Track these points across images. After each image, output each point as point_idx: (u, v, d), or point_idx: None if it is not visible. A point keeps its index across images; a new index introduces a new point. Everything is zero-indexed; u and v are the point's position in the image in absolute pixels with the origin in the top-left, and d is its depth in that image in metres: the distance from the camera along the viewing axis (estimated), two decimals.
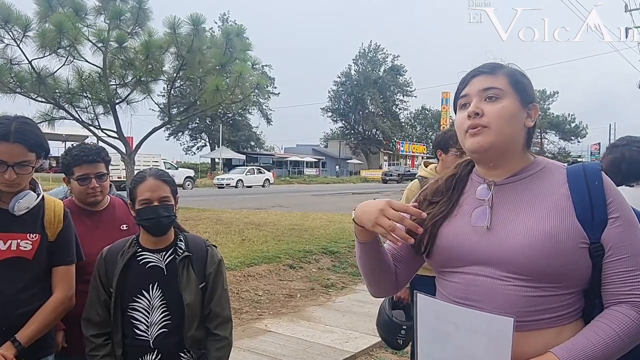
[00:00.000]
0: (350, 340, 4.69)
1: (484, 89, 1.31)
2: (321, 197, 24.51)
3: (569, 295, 1.24)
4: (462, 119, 1.33)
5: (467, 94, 1.34)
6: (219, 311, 2.08)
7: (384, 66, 60.19)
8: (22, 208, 1.90)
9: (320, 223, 11.05)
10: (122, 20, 8.10)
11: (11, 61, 7.61)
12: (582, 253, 1.21)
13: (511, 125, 1.29)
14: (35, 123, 2.00)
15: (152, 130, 9.30)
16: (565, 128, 65.40)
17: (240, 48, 8.48)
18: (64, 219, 2.04)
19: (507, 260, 1.23)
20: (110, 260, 2.08)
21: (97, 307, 2.06)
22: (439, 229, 1.37)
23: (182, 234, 2.15)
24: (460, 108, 1.36)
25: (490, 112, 1.28)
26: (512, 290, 1.22)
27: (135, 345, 2.02)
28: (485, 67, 1.35)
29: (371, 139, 60.30)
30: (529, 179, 1.32)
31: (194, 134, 53.14)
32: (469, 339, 1.20)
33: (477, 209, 1.33)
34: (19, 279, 1.90)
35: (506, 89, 1.30)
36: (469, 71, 1.38)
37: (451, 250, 1.33)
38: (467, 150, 1.35)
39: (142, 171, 2.09)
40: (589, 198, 1.24)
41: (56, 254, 2.01)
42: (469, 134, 1.31)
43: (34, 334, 1.90)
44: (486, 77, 1.33)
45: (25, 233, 1.92)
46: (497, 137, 1.28)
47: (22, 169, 1.86)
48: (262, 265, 6.75)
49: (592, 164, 1.32)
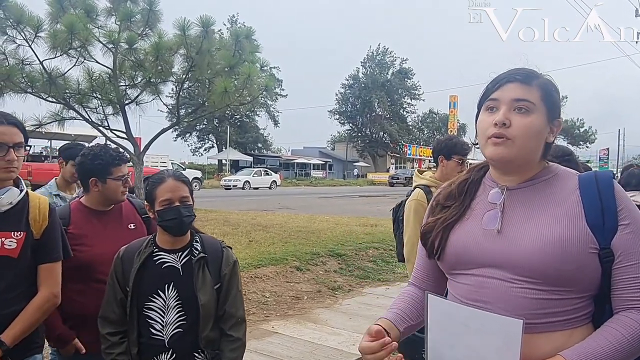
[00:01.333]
0: (357, 343, 4.65)
1: (516, 99, 1.29)
2: (328, 199, 24.50)
3: (579, 299, 1.25)
4: (487, 124, 1.31)
5: (497, 99, 1.32)
6: (234, 312, 2.10)
7: (392, 69, 60.15)
8: (5, 203, 1.86)
9: (327, 225, 11.05)
10: (132, 22, 8.15)
11: (23, 61, 7.67)
12: (591, 258, 1.22)
13: (535, 141, 1.30)
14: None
15: (161, 131, 9.35)
16: (574, 133, 65.09)
17: (249, 50, 8.50)
18: (49, 216, 2.00)
19: (516, 263, 1.24)
20: (127, 259, 2.10)
21: (114, 306, 2.08)
22: (450, 231, 1.39)
23: (198, 235, 2.17)
24: (487, 110, 1.34)
25: (518, 125, 1.27)
26: (522, 293, 1.23)
27: (151, 344, 2.03)
28: (519, 75, 1.32)
29: (378, 142, 60.21)
30: (541, 185, 1.33)
31: (201, 135, 53.32)
32: (479, 339, 1.21)
33: (488, 212, 1.35)
34: (4, 278, 1.87)
35: (537, 103, 1.29)
36: (504, 73, 1.35)
37: (462, 253, 1.35)
38: (486, 156, 1.35)
39: (161, 172, 2.11)
40: (600, 204, 1.24)
41: (41, 252, 1.97)
42: (491, 142, 1.30)
43: (18, 334, 1.87)
44: (520, 86, 1.30)
45: (10, 231, 1.88)
46: (520, 151, 1.29)
47: (19, 151, 1.86)
48: (269, 267, 6.76)
49: (605, 172, 1.33)
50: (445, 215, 1.42)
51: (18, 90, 7.67)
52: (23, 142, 1.89)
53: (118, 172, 2.39)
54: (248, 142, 53.52)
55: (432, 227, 1.43)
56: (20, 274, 1.91)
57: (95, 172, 2.37)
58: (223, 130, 48.65)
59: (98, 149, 2.45)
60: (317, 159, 56.78)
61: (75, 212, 2.40)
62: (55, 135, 25.44)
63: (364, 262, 7.88)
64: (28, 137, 1.94)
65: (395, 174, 47.68)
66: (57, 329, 2.26)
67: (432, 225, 1.43)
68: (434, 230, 1.42)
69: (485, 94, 1.36)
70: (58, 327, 2.26)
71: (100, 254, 2.29)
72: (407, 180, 41.17)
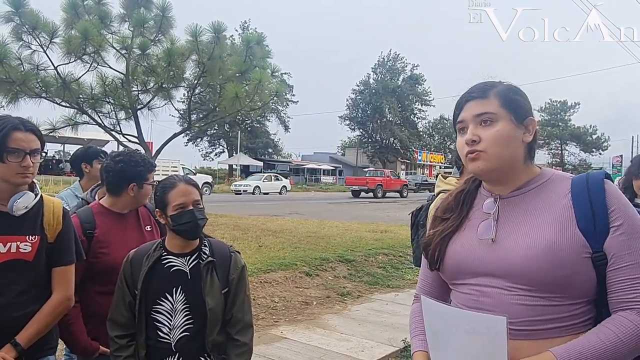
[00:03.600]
0: (366, 349, 4.66)
1: (477, 114, 1.34)
2: (338, 205, 24.48)
3: (577, 305, 1.25)
4: (462, 144, 1.37)
5: (463, 120, 1.38)
6: (241, 317, 2.09)
7: (403, 75, 60.08)
8: (21, 207, 1.89)
9: (336, 231, 11.04)
10: (145, 28, 8.23)
11: (38, 67, 7.77)
12: (585, 263, 1.23)
13: (508, 147, 1.33)
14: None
15: (173, 135, 9.41)
16: (586, 139, 64.42)
17: (260, 55, 8.55)
18: (63, 220, 2.03)
19: (511, 272, 1.26)
20: (136, 262, 2.11)
21: (122, 309, 2.09)
22: (448, 242, 1.42)
23: (207, 239, 2.18)
24: (459, 132, 1.40)
25: (486, 137, 1.32)
26: (519, 300, 1.25)
27: (158, 347, 2.04)
28: (475, 91, 1.38)
29: (389, 148, 60.06)
30: (533, 192, 1.35)
31: (212, 140, 53.61)
32: (468, 339, 1.23)
33: (483, 222, 1.38)
34: (19, 282, 1.90)
35: (498, 111, 1.33)
36: (463, 95, 1.41)
37: (460, 263, 1.38)
38: (471, 173, 1.40)
39: (171, 177, 2.13)
40: (590, 207, 1.25)
41: (55, 255, 2.01)
42: (468, 159, 1.36)
43: (33, 335, 1.91)
44: (478, 102, 1.36)
45: (25, 235, 1.91)
46: (496, 160, 1.32)
47: (35, 158, 1.89)
48: (278, 272, 6.77)
49: (596, 173, 1.33)
50: (443, 227, 1.45)
51: (33, 95, 7.77)
52: (39, 149, 1.92)
53: (151, 177, 2.49)
54: (258, 147, 53.70)
55: (432, 239, 1.46)
56: (34, 277, 1.95)
57: (136, 178, 2.42)
58: (234, 135, 48.85)
59: (136, 155, 2.50)
60: (327, 164, 56.76)
61: (99, 216, 2.43)
62: (68, 140, 25.80)
63: (373, 268, 7.85)
64: (45, 143, 1.98)
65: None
66: (82, 343, 2.30)
67: (431, 238, 1.47)
68: (433, 242, 1.45)
69: (454, 119, 1.42)
70: (83, 341, 2.30)
71: (123, 256, 2.32)
72: (418, 187, 40.99)
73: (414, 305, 1.59)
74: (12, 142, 1.83)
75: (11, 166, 1.84)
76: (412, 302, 1.62)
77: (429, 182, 41.71)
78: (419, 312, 1.54)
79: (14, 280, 1.89)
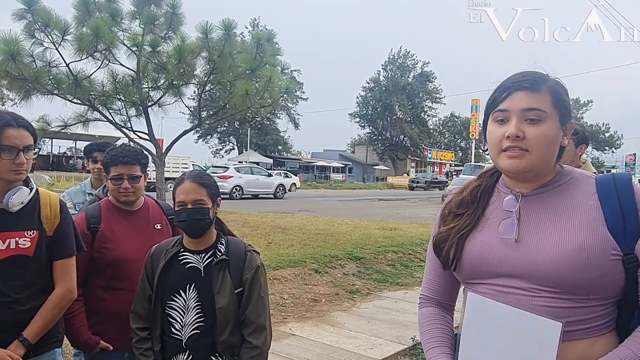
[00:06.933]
0: (375, 347, 4.65)
1: (526, 109, 1.24)
2: (347, 202, 24.45)
3: (602, 306, 1.22)
4: (499, 136, 1.27)
5: (506, 109, 1.27)
6: (253, 318, 2.05)
7: (413, 72, 59.85)
8: (16, 203, 1.88)
9: (346, 228, 11.04)
10: (156, 25, 8.26)
11: (50, 64, 7.82)
12: (614, 265, 1.19)
13: (551, 149, 1.27)
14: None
15: (183, 132, 9.44)
16: (599, 138, 63.87)
17: (270, 53, 8.55)
18: (60, 213, 2.03)
19: (535, 273, 1.22)
20: (155, 257, 2.12)
21: (144, 302, 2.11)
22: (465, 241, 1.35)
23: (225, 237, 2.16)
24: (496, 121, 1.30)
25: (533, 136, 1.24)
26: (542, 302, 1.21)
27: (171, 343, 2.05)
28: (527, 81, 1.27)
29: (398, 146, 59.93)
30: (557, 190, 1.29)
31: (222, 137, 53.84)
32: (513, 341, 1.19)
33: (504, 220, 1.31)
34: (21, 277, 1.90)
35: (549, 110, 1.25)
36: (510, 80, 1.29)
37: (479, 263, 1.32)
38: (501, 168, 1.32)
39: (185, 173, 2.13)
40: (619, 208, 1.21)
41: (55, 248, 2.01)
42: (506, 154, 1.27)
43: (40, 329, 1.92)
44: (529, 95, 1.25)
45: (23, 230, 1.91)
46: (537, 161, 1.25)
47: (28, 154, 1.88)
48: (287, 269, 6.77)
49: (623, 174, 1.29)
50: (459, 224, 1.38)
51: (45, 92, 7.84)
52: (32, 145, 1.91)
53: (115, 171, 2.47)
54: (268, 144, 53.80)
55: (446, 236, 1.39)
56: (36, 272, 1.95)
57: (104, 169, 2.49)
58: (244, 132, 48.98)
59: (115, 146, 2.56)
60: (337, 161, 56.75)
61: (106, 211, 2.45)
62: (80, 137, 25.99)
63: (382, 266, 7.83)
64: (37, 138, 1.96)
65: (415, 178, 47.34)
66: (82, 337, 2.32)
67: (446, 235, 1.39)
68: (449, 240, 1.38)
69: (494, 103, 1.31)
70: (83, 335, 2.32)
71: (127, 252, 2.34)
72: (428, 185, 40.87)
73: (424, 310, 1.51)
74: (5, 140, 1.82)
75: (4, 163, 1.83)
76: (419, 305, 1.54)
77: (438, 180, 41.56)
78: (432, 319, 1.47)
79: (17, 276, 1.90)
